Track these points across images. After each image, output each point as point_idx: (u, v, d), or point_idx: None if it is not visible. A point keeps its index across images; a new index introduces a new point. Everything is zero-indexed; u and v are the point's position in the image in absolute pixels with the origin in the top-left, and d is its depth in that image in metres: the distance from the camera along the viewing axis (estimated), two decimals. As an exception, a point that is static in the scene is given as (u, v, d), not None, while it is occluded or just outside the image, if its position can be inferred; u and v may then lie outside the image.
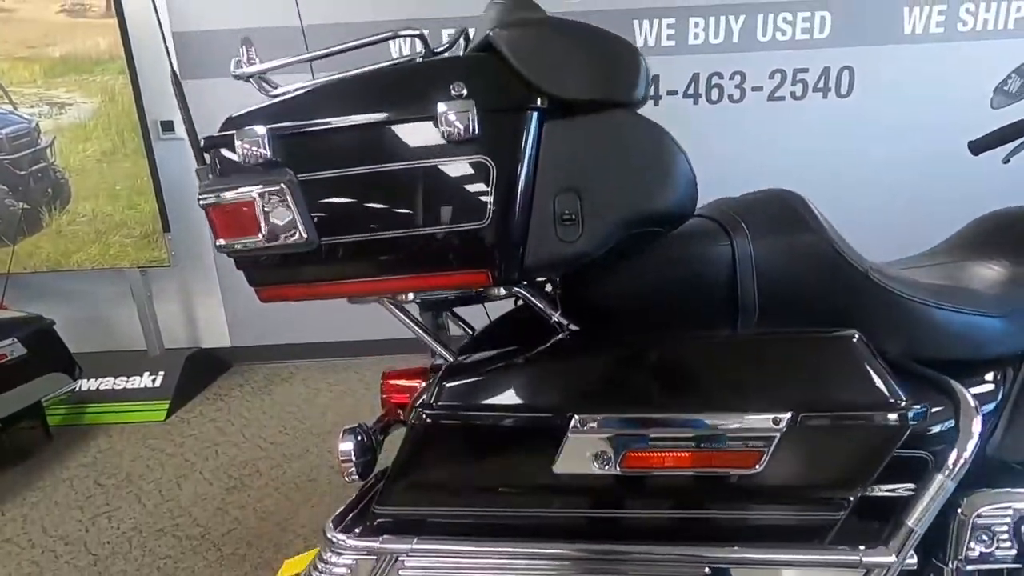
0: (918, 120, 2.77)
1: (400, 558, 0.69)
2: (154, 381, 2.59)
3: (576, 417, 0.65)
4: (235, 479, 1.99)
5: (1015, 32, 2.64)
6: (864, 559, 0.66)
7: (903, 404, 0.67)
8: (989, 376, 0.85)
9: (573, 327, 0.78)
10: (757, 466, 0.63)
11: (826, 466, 0.67)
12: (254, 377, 2.85)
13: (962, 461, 0.69)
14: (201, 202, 0.70)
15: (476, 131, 0.68)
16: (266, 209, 0.71)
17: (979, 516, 0.76)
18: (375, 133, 0.71)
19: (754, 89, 2.77)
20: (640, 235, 0.76)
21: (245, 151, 0.69)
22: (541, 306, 0.80)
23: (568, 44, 0.71)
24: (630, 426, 0.65)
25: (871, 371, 0.67)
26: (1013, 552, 0.75)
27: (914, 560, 0.66)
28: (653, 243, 0.84)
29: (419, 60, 0.77)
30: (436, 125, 0.68)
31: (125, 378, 2.61)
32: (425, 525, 0.71)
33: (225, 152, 0.71)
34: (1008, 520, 0.75)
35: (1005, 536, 0.75)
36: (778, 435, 0.63)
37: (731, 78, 2.77)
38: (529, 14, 0.78)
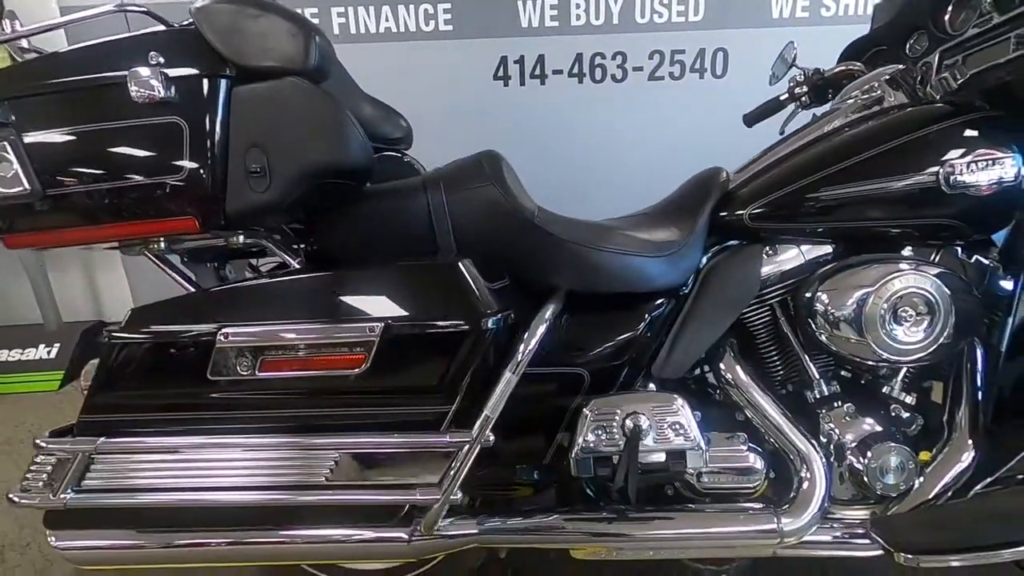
0: (789, 99, 2.96)
1: (92, 455, 0.83)
2: (49, 353, 2.64)
3: (223, 331, 0.79)
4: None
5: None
6: (450, 439, 0.83)
7: (484, 316, 0.83)
8: (655, 304, 1.02)
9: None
10: (363, 366, 0.78)
11: (424, 366, 0.82)
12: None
13: (520, 358, 0.85)
14: None
15: (172, 95, 0.80)
16: (-8, 164, 0.81)
17: (595, 414, 0.93)
18: (86, 96, 0.83)
19: (635, 69, 2.91)
20: (336, 188, 0.90)
21: (-28, 112, 0.80)
22: (285, 256, 0.94)
23: (252, 19, 0.83)
24: (263, 337, 0.79)
25: (461, 290, 0.83)
26: (621, 442, 0.92)
27: (491, 439, 0.82)
28: (370, 200, 0.99)
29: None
30: (136, 89, 0.79)
31: (20, 350, 2.66)
32: (114, 426, 0.85)
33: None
34: (617, 418, 0.93)
35: (615, 430, 0.92)
36: (376, 340, 0.78)
37: (613, 58, 2.91)
38: None
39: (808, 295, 0.98)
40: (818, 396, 1.05)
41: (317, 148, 0.85)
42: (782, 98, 1.46)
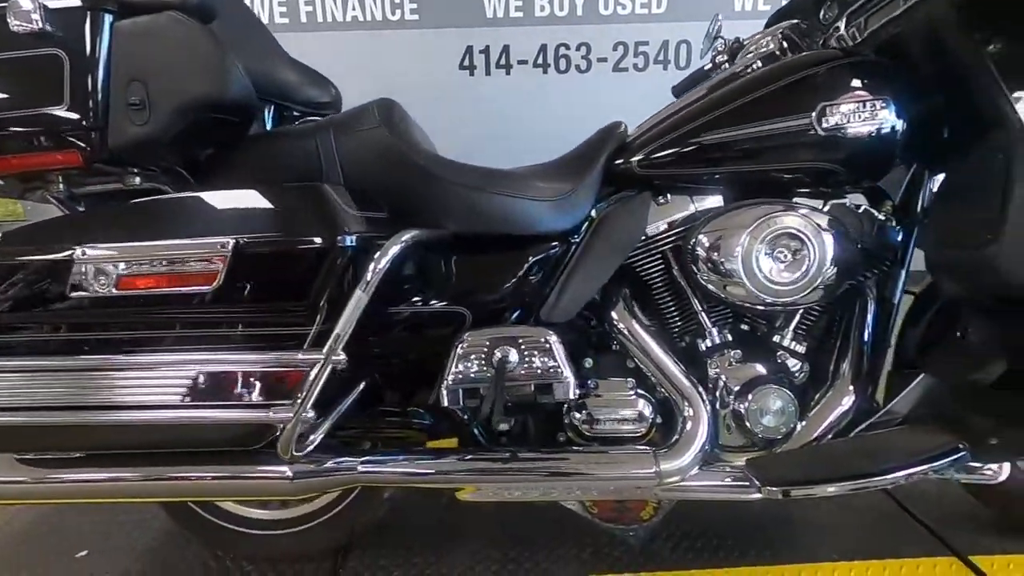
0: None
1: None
2: None
3: (81, 248, 0.81)
4: None
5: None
6: (302, 357, 0.85)
7: (341, 234, 0.85)
8: (543, 248, 1.03)
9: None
10: (216, 283, 0.79)
11: (282, 285, 0.84)
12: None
13: (370, 277, 0.86)
14: None
15: (53, 28, 0.83)
16: None
17: (466, 347, 0.94)
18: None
19: (599, 60, 2.95)
20: (220, 127, 0.92)
21: None
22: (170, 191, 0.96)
23: None
24: (119, 254, 0.81)
25: (318, 209, 0.85)
26: (488, 374, 0.93)
27: (343, 358, 0.84)
28: (262, 142, 1.01)
29: None
30: (15, 21, 0.82)
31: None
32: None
33: None
34: (486, 350, 0.94)
35: (483, 362, 0.93)
36: (228, 255, 0.79)
37: (578, 49, 2.94)
38: None
39: (691, 240, 1.00)
40: (709, 344, 1.06)
41: (195, 82, 0.87)
42: (706, 68, 1.48)
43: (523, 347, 0.94)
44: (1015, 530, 1.20)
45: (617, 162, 1.07)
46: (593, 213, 1.07)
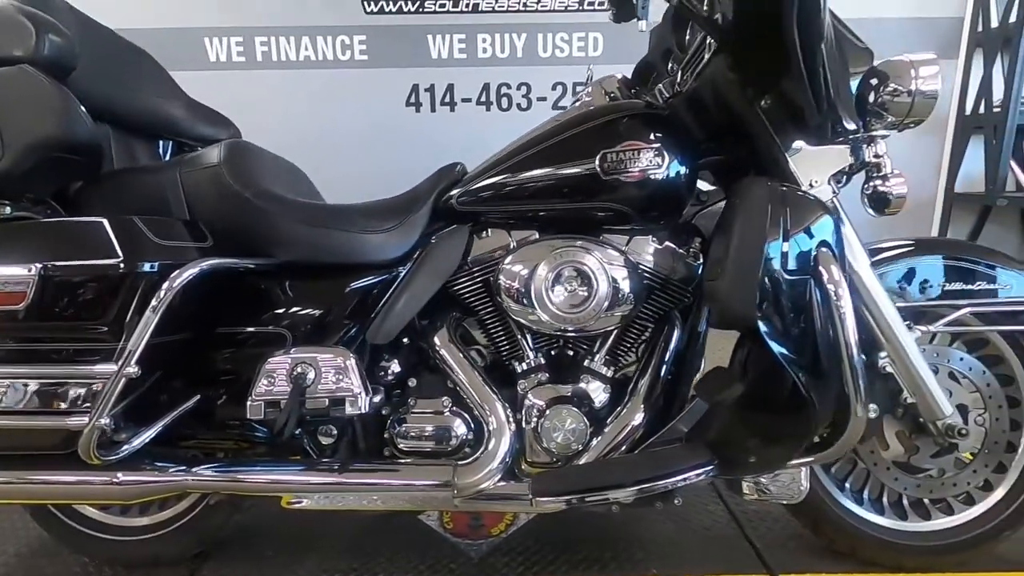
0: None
1: None
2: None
3: None
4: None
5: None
6: (98, 369, 0.94)
7: (139, 260, 0.95)
8: (373, 275, 1.13)
9: None
10: (24, 303, 0.89)
11: (87, 307, 0.94)
12: None
13: (161, 299, 0.95)
14: None
15: None
16: None
17: (271, 365, 1.04)
18: None
19: (539, 99, 3.09)
20: (70, 163, 1.04)
21: None
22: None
23: None
24: None
25: (119, 240, 0.95)
26: (288, 388, 1.02)
27: (137, 371, 0.93)
28: (121, 176, 1.13)
29: None
30: None
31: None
32: None
33: None
34: (287, 367, 1.03)
35: (284, 378, 1.02)
36: (35, 279, 0.90)
37: (518, 88, 3.09)
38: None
39: (498, 272, 1.09)
40: (524, 367, 1.15)
41: (41, 125, 0.98)
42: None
43: (321, 366, 1.03)
44: (831, 549, 1.26)
45: (444, 199, 1.17)
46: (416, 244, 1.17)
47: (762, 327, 0.89)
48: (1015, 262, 1.19)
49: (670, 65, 1.33)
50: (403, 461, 1.11)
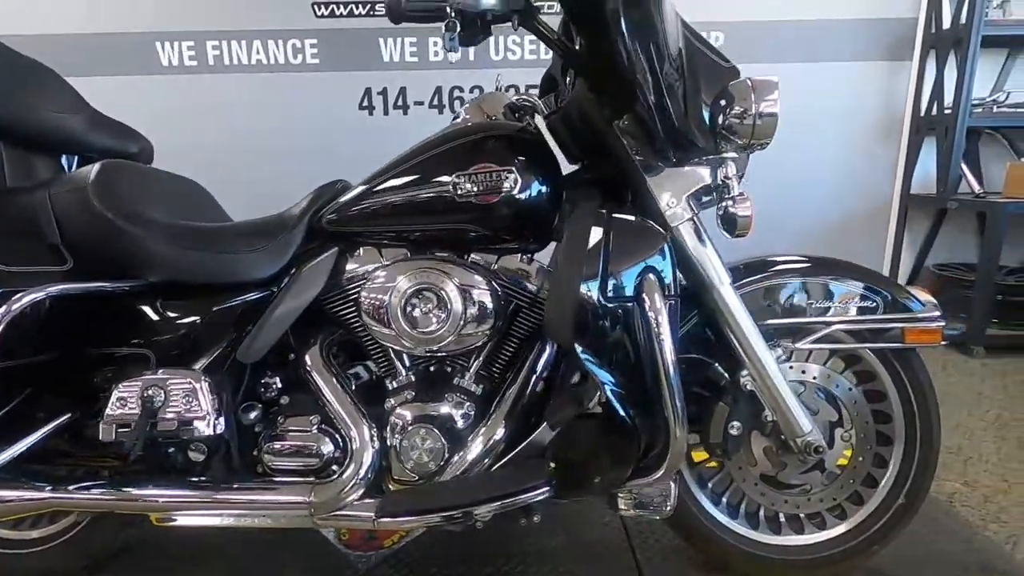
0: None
1: None
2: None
3: None
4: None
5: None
6: None
7: None
8: (241, 295, 1.14)
9: None
10: None
11: None
12: None
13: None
14: None
15: None
16: None
17: (123, 387, 1.06)
18: None
19: (492, 102, 3.12)
20: None
21: None
22: None
23: None
24: None
25: None
26: (137, 411, 1.04)
27: None
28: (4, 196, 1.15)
29: None
30: None
31: None
32: None
33: None
34: (137, 390, 1.05)
35: (134, 400, 1.04)
36: None
37: (471, 91, 3.10)
38: None
39: (362, 292, 1.10)
40: (395, 384, 1.16)
41: None
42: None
43: (170, 389, 1.05)
44: (710, 564, 1.28)
45: (318, 217, 1.18)
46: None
47: (580, 351, 0.90)
48: (885, 280, 1.20)
49: (567, 79, 1.34)
50: (270, 479, 1.13)
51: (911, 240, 3.33)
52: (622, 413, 0.93)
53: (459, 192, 1.05)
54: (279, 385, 1.20)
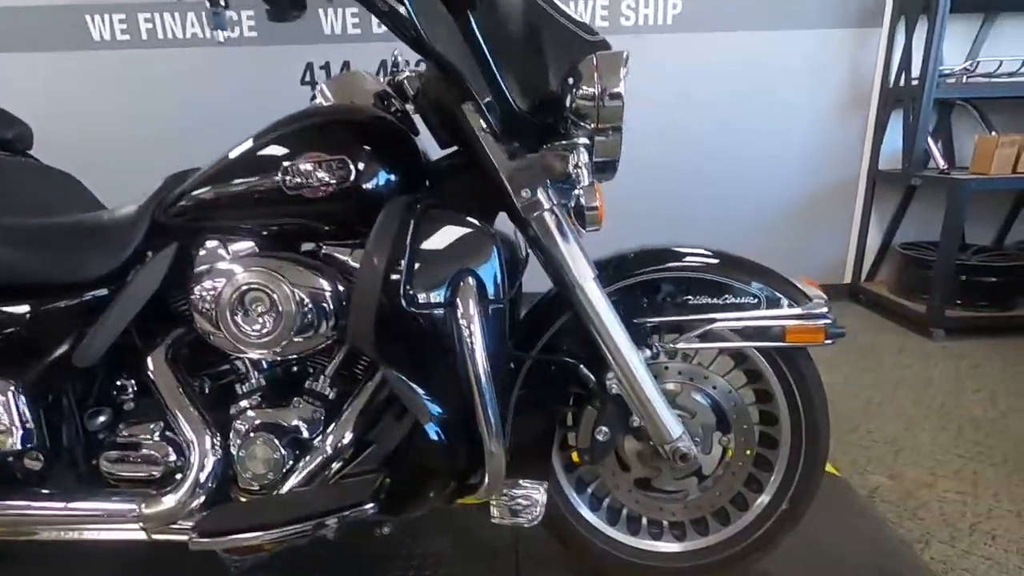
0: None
1: None
2: None
3: None
4: None
5: (672, 27, 2.89)
6: None
7: None
8: (79, 294, 1.07)
9: None
10: None
11: None
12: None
13: None
14: None
15: None
16: None
17: None
18: None
19: (440, 76, 2.98)
20: None
21: None
22: None
23: None
24: None
25: None
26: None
27: None
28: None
29: None
30: None
31: None
32: None
33: None
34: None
35: None
36: None
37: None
38: None
39: (193, 291, 1.02)
40: (245, 389, 1.09)
41: None
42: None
43: None
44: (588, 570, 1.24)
45: (161, 210, 1.10)
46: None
47: (383, 360, 0.82)
48: (773, 275, 1.10)
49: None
50: (111, 489, 1.07)
51: (880, 218, 3.22)
52: (433, 431, 0.85)
53: (287, 183, 0.96)
54: (135, 389, 1.14)
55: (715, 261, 1.09)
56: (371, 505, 0.92)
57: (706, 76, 2.93)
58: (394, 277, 0.83)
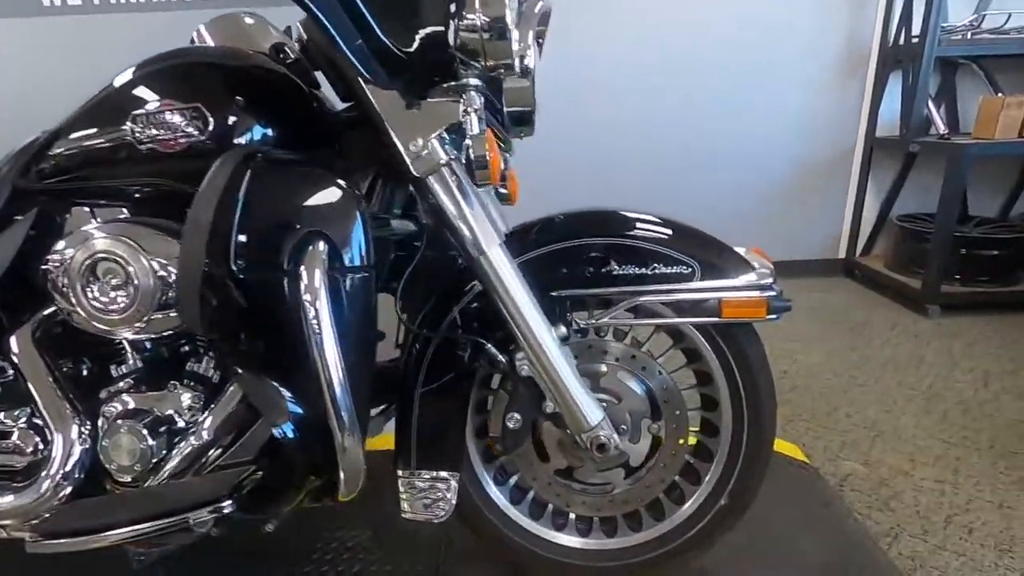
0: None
1: None
2: None
3: None
4: None
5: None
6: None
7: None
8: None
9: None
10: None
11: None
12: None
13: None
14: None
15: None
16: None
17: None
18: None
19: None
20: None
21: None
22: None
23: None
24: None
25: None
26: None
27: None
28: None
29: None
30: None
31: None
32: None
33: None
34: None
35: None
36: None
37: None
38: None
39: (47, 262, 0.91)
40: (121, 371, 0.98)
41: None
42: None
43: None
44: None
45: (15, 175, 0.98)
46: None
47: (219, 341, 0.70)
48: (712, 243, 0.96)
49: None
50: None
51: (877, 189, 3.04)
52: (288, 425, 0.74)
53: (138, 136, 0.83)
54: (9, 373, 1.03)
55: (645, 227, 0.96)
56: (228, 503, 0.81)
57: (689, 34, 2.74)
58: (223, 240, 0.71)
